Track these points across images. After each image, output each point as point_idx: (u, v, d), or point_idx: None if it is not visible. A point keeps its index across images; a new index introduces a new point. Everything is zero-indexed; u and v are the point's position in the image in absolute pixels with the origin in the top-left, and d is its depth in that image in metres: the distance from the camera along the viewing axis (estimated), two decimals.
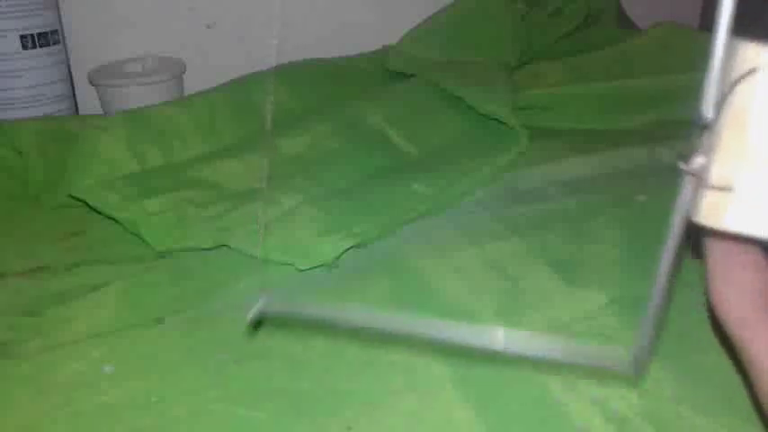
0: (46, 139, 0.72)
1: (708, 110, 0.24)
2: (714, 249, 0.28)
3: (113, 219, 0.63)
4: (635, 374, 0.28)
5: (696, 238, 0.27)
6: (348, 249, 0.59)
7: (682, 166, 0.25)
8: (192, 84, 0.96)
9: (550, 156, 0.78)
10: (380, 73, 0.96)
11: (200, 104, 0.80)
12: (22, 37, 0.83)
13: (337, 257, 0.58)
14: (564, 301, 0.52)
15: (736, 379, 0.44)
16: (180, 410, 0.42)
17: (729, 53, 0.24)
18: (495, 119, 0.81)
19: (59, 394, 0.44)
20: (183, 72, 0.98)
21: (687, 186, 0.25)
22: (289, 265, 0.57)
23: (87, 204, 0.65)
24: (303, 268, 0.57)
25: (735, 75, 0.24)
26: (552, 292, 0.53)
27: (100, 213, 0.64)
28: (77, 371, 0.46)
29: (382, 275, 0.56)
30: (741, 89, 0.24)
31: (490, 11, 1.02)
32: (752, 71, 0.23)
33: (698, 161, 0.25)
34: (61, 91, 0.89)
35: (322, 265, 0.57)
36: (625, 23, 1.16)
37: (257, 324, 0.48)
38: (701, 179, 0.25)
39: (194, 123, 0.77)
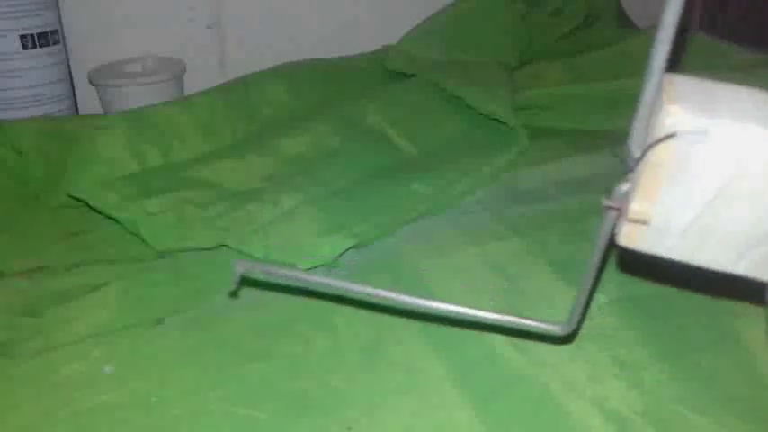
0: (46, 139, 0.72)
1: (635, 150, 0.29)
2: None
3: (113, 219, 0.63)
4: (562, 333, 0.34)
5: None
6: (348, 249, 0.59)
7: (605, 201, 0.31)
8: (192, 84, 0.96)
9: (550, 156, 0.78)
10: (380, 73, 0.96)
11: (200, 104, 0.80)
12: (22, 37, 0.83)
13: (337, 257, 0.58)
14: (564, 301, 0.52)
15: (736, 379, 0.44)
16: (180, 410, 0.42)
17: (656, 104, 0.29)
18: (495, 119, 0.81)
19: (59, 394, 0.44)
20: (183, 72, 0.98)
21: (610, 214, 0.31)
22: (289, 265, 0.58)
23: (87, 204, 0.65)
24: (303, 268, 0.57)
25: (657, 132, 0.28)
26: (552, 292, 0.53)
27: (100, 213, 0.64)
28: (77, 371, 0.46)
29: (382, 275, 0.56)
30: (659, 146, 0.28)
31: (490, 11, 1.02)
32: (671, 135, 0.28)
33: (623, 189, 0.30)
34: (61, 91, 0.89)
35: (322, 265, 0.57)
36: (625, 23, 1.16)
37: (239, 287, 0.51)
38: (622, 208, 0.30)
39: (194, 123, 0.77)
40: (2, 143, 0.71)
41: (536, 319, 0.35)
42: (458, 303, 0.34)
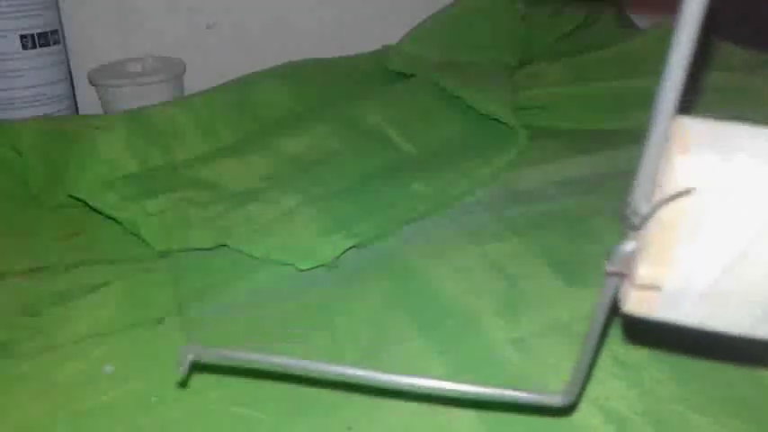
0: (46, 139, 0.72)
1: (641, 204, 0.26)
2: None
3: (113, 219, 0.63)
4: (562, 404, 0.30)
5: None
6: (348, 249, 0.59)
7: (607, 265, 0.27)
8: (192, 84, 0.96)
9: (550, 156, 0.78)
10: (380, 73, 0.96)
11: (200, 104, 0.80)
12: (22, 37, 0.83)
13: (337, 257, 0.58)
14: (564, 301, 0.52)
15: (735, 379, 0.44)
16: (180, 410, 0.42)
17: (666, 152, 0.25)
18: (495, 119, 0.81)
19: (59, 394, 0.43)
20: (183, 72, 0.98)
21: (611, 280, 0.28)
22: (289, 265, 0.58)
23: (87, 204, 0.65)
24: (303, 268, 0.57)
25: (668, 186, 0.24)
26: (552, 292, 0.53)
27: (100, 213, 0.64)
28: (77, 371, 0.46)
29: (382, 275, 0.56)
30: (672, 204, 0.25)
31: (490, 11, 1.02)
32: (686, 192, 0.24)
33: (627, 249, 0.27)
34: (61, 91, 0.89)
35: (322, 265, 0.57)
36: (625, 23, 1.16)
37: (189, 375, 0.45)
38: (627, 272, 0.27)
39: (194, 123, 0.77)
40: (2, 143, 0.71)
41: (530, 391, 0.31)
42: (440, 378, 0.31)
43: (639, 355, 0.46)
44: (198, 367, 0.44)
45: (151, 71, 0.96)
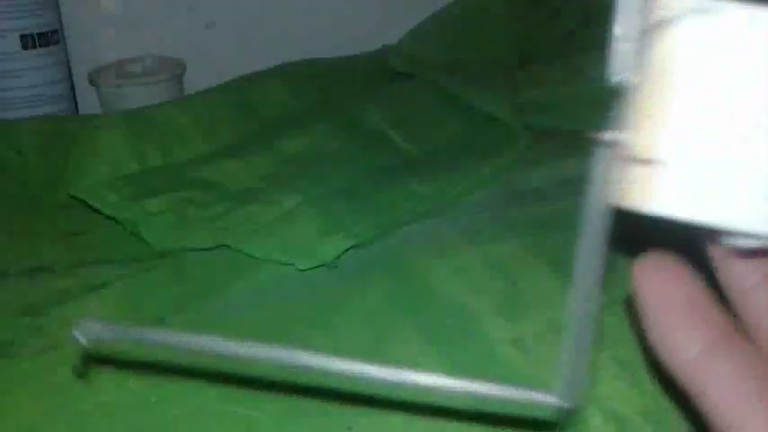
0: (46, 139, 0.72)
1: (616, 69, 0.20)
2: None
3: (113, 219, 0.63)
4: (569, 406, 0.24)
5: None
6: (348, 249, 0.59)
7: (593, 135, 0.20)
8: (192, 84, 0.96)
9: (550, 156, 0.78)
10: (380, 73, 0.96)
11: (200, 104, 0.80)
12: (22, 37, 0.83)
13: (337, 257, 0.58)
14: (564, 302, 0.52)
15: None
16: (180, 410, 0.42)
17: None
18: (495, 119, 0.81)
19: (59, 394, 0.44)
20: (183, 72, 0.98)
21: (602, 163, 0.21)
22: (289, 265, 0.58)
23: (87, 204, 0.65)
24: (303, 268, 0.57)
25: (650, 23, 0.19)
26: (552, 292, 0.53)
27: (100, 213, 0.64)
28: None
29: (382, 275, 0.56)
30: (658, 46, 0.19)
31: (490, 11, 1.02)
32: (663, 22, 0.19)
33: (611, 136, 0.20)
34: (61, 91, 0.89)
35: (322, 265, 0.57)
36: None
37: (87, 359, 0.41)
38: (619, 153, 0.20)
39: (194, 123, 0.78)
40: (2, 143, 0.71)
41: (528, 388, 0.23)
42: (432, 373, 0.25)
43: (639, 355, 0.46)
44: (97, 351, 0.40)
45: (151, 71, 0.96)
